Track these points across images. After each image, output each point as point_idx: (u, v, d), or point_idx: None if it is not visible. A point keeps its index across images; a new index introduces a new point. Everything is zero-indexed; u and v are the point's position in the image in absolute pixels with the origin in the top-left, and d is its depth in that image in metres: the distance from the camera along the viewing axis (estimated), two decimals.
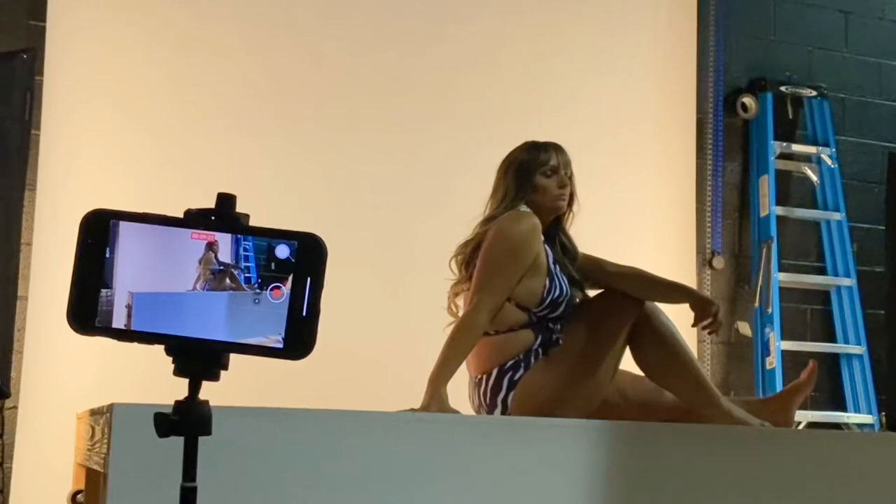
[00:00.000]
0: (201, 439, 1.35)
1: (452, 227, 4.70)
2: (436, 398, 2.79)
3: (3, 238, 3.82)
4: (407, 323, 4.24)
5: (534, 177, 3.10)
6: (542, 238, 3.05)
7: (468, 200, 4.77)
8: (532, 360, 2.98)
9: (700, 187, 5.19)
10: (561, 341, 3.00)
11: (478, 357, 3.03)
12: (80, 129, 4.24)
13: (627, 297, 3.02)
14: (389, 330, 4.33)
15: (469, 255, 3.10)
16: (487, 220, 3.11)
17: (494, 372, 2.99)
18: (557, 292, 3.02)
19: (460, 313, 3.06)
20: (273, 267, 1.33)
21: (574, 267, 3.15)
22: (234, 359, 1.37)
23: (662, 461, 2.64)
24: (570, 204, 3.19)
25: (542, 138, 3.08)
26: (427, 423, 2.56)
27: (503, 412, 2.97)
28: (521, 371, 2.96)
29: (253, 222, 1.36)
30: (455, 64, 4.82)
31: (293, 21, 4.62)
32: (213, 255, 1.33)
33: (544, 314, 3.01)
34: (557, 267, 3.07)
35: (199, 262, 1.32)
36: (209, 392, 1.37)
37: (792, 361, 5.15)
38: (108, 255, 1.32)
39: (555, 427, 2.66)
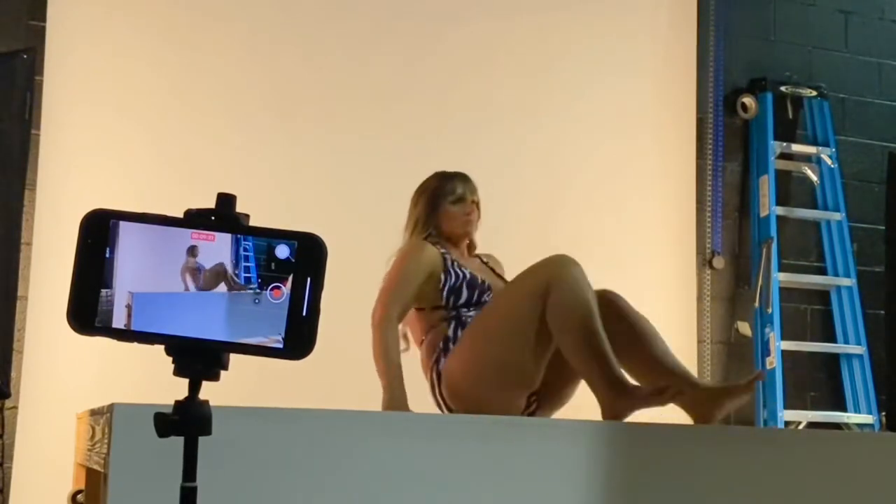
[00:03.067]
0: (201, 439, 1.35)
1: None
2: (394, 400, 3.02)
3: (3, 238, 3.82)
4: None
5: (442, 205, 3.33)
6: (436, 252, 3.26)
7: None
8: (449, 346, 3.12)
9: (700, 187, 5.19)
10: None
11: (420, 364, 3.23)
12: (80, 129, 4.24)
13: (536, 271, 3.05)
14: None
15: None
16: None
17: (430, 372, 3.17)
18: (454, 279, 3.19)
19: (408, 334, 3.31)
20: (273, 267, 1.33)
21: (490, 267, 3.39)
22: (234, 359, 1.37)
23: (662, 461, 2.64)
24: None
25: (541, 138, 3.10)
26: (427, 423, 2.56)
27: (444, 406, 3.13)
28: (442, 361, 3.12)
29: (253, 222, 1.36)
30: (455, 64, 4.82)
31: (293, 21, 4.62)
32: (192, 258, 1.32)
33: (453, 303, 3.17)
34: (455, 263, 3.23)
35: (182, 271, 1.32)
36: (209, 392, 1.37)
37: (792, 361, 5.16)
38: (108, 255, 1.32)
39: (555, 427, 2.67)
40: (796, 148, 5.40)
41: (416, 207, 3.39)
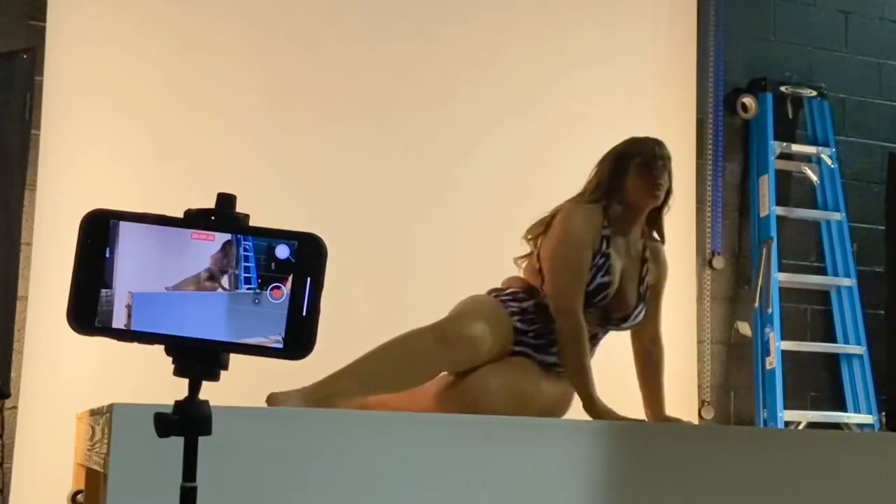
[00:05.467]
0: (201, 439, 1.35)
1: (452, 227, 4.73)
2: (603, 410, 2.92)
3: (3, 238, 3.82)
4: (407, 322, 4.23)
5: (627, 170, 3.12)
6: (598, 228, 3.08)
7: (468, 200, 4.79)
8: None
9: (700, 187, 5.19)
10: None
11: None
12: (80, 129, 4.24)
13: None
14: (389, 330, 4.32)
15: (539, 234, 3.20)
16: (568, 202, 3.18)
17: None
18: (591, 281, 3.07)
19: (520, 273, 3.18)
20: (273, 267, 1.33)
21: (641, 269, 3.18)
22: (234, 359, 1.37)
23: (662, 461, 2.64)
24: (666, 198, 3.18)
25: (541, 138, 3.09)
26: (427, 423, 2.56)
27: None
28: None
29: (253, 222, 1.36)
30: (455, 64, 4.82)
31: (293, 21, 4.62)
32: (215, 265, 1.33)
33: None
34: (604, 259, 3.06)
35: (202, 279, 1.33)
36: (209, 392, 1.37)
37: (792, 361, 5.16)
38: (108, 255, 1.32)
39: (555, 427, 2.67)
40: (796, 148, 5.39)
41: (600, 169, 3.18)
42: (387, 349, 2.93)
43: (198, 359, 1.34)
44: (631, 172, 3.11)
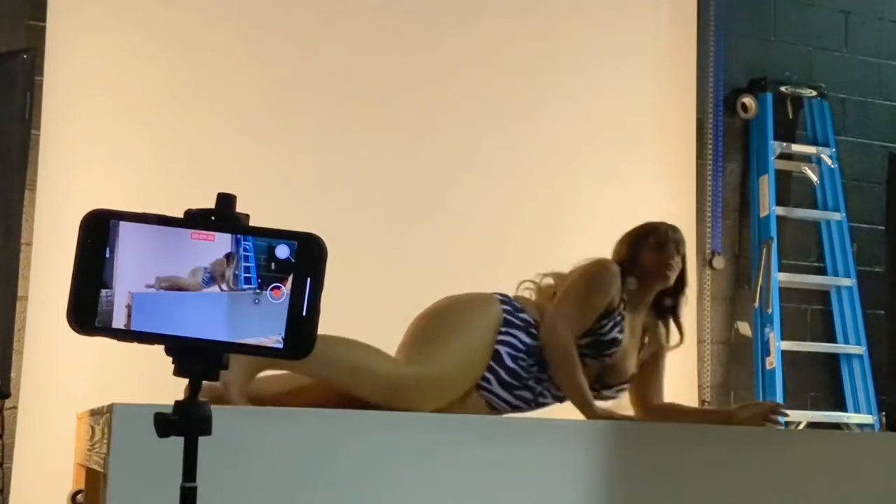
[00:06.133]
0: (201, 439, 1.35)
1: (452, 226, 4.73)
2: (605, 415, 2.93)
3: (3, 238, 3.83)
4: (407, 322, 4.24)
5: (642, 249, 3.20)
6: (618, 287, 3.11)
7: (468, 200, 4.80)
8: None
9: (700, 187, 5.19)
10: None
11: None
12: (80, 129, 4.24)
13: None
14: (389, 329, 4.32)
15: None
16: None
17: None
18: (602, 333, 3.08)
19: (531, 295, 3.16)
20: (273, 267, 1.33)
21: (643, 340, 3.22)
22: None
23: (662, 461, 2.64)
24: (681, 286, 3.25)
25: (541, 138, 3.08)
26: (427, 423, 2.56)
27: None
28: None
29: (253, 222, 1.36)
30: (454, 65, 4.83)
31: (293, 21, 4.62)
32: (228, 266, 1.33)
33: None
34: (618, 314, 3.09)
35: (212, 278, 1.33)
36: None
37: (792, 361, 5.16)
38: (108, 255, 1.32)
39: (555, 427, 2.66)
40: (796, 148, 5.39)
41: (618, 249, 3.26)
42: (351, 347, 2.87)
43: (198, 359, 1.34)
44: (645, 251, 3.19)
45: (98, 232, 1.32)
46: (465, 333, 2.96)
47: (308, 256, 1.34)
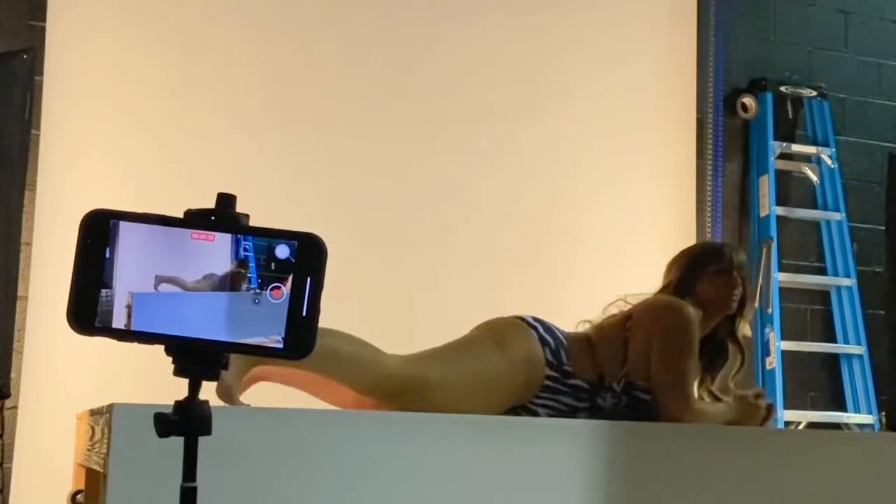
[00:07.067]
0: (201, 439, 1.35)
1: (452, 227, 4.73)
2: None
3: (3, 238, 3.82)
4: (407, 322, 4.24)
5: (702, 273, 2.96)
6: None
7: (468, 200, 4.80)
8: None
9: (700, 187, 5.19)
10: None
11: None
12: (80, 129, 4.24)
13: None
14: (389, 329, 4.32)
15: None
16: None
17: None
18: None
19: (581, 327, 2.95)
20: (273, 267, 1.33)
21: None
22: None
23: (662, 461, 2.64)
24: (742, 306, 3.06)
25: (541, 138, 3.05)
26: (427, 423, 2.56)
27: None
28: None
29: (253, 222, 1.36)
30: (455, 65, 4.82)
31: (293, 21, 4.62)
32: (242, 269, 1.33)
33: None
34: None
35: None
36: (209, 392, 1.37)
37: (792, 361, 5.15)
38: (108, 255, 1.32)
39: (555, 427, 2.66)
40: (796, 148, 5.39)
41: (673, 268, 3.00)
42: (347, 339, 2.75)
43: (198, 359, 1.34)
44: (705, 280, 2.95)
45: (98, 232, 1.32)
46: (485, 363, 2.76)
47: (308, 256, 1.34)
